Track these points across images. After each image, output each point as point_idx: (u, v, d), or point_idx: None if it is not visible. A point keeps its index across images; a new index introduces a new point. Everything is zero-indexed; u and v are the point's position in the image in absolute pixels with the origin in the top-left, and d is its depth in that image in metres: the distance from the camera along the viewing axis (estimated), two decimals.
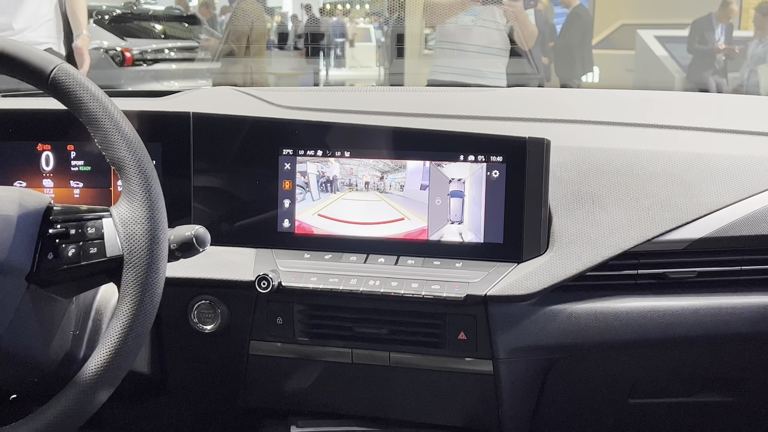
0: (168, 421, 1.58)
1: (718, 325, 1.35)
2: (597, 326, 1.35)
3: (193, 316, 1.42)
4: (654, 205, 1.35)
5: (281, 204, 1.43)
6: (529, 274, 1.33)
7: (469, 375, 1.42)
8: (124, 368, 1.02)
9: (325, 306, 1.41)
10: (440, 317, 1.38)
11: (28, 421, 1.00)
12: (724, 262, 1.36)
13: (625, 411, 1.52)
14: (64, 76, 1.04)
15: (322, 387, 1.48)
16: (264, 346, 1.45)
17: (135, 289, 1.01)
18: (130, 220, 1.03)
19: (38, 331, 1.07)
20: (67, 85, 1.04)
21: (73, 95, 1.04)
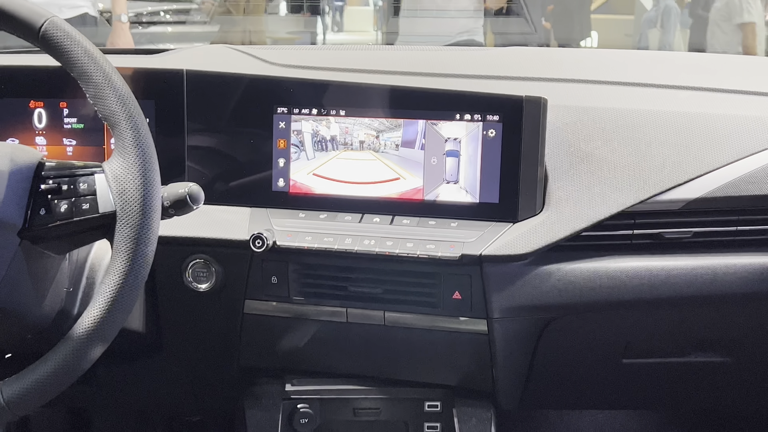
0: (163, 380, 1.58)
1: (714, 285, 1.35)
2: (592, 286, 1.35)
3: (188, 275, 1.41)
4: (651, 165, 1.35)
5: (276, 163, 1.42)
6: (525, 234, 1.33)
7: (464, 334, 1.42)
8: (118, 324, 1.02)
9: (320, 265, 1.40)
10: (435, 277, 1.38)
11: (20, 376, 1.00)
12: (720, 222, 1.36)
13: (618, 371, 1.52)
14: (55, 29, 1.03)
15: (317, 346, 1.48)
16: (259, 306, 1.45)
17: (128, 244, 1.01)
18: (123, 175, 1.02)
19: (31, 288, 1.06)
20: (58, 38, 1.03)
21: (64, 49, 1.03)
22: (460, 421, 1.47)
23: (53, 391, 1.02)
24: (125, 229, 1.01)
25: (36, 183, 1.05)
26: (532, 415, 2.33)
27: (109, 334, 1.02)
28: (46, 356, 1.01)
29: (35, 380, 1.00)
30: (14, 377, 1.01)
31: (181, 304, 1.45)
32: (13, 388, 1.00)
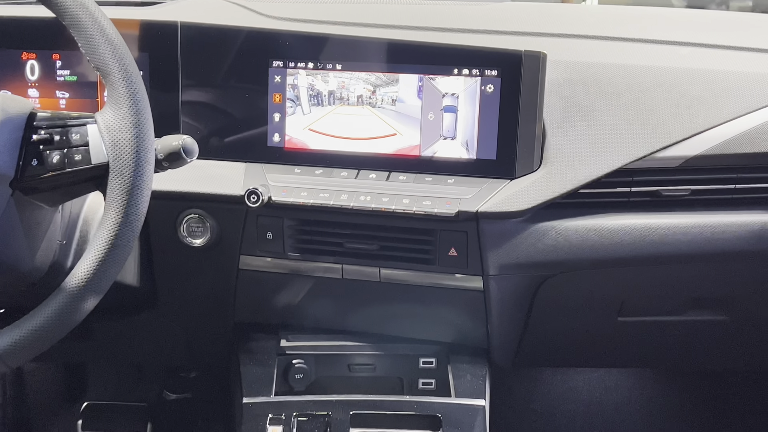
0: (159, 335, 1.58)
1: (711, 242, 1.34)
2: (588, 243, 1.35)
3: (182, 230, 1.40)
4: (650, 122, 1.33)
5: (271, 118, 1.41)
6: (522, 191, 1.32)
7: (459, 291, 1.42)
8: (111, 276, 1.01)
9: (316, 221, 1.40)
10: (431, 233, 1.37)
11: (12, 328, 1.00)
12: (718, 180, 1.35)
13: (614, 329, 1.53)
14: None
15: (312, 302, 1.48)
16: (254, 261, 1.44)
17: (121, 196, 1.00)
18: (116, 126, 1.01)
19: (24, 239, 1.05)
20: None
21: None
22: (455, 377, 1.47)
23: (46, 342, 1.01)
24: (118, 180, 1.00)
25: (28, 133, 1.03)
26: (526, 373, 2.35)
27: (102, 286, 1.01)
28: (39, 308, 1.01)
29: (28, 331, 1.00)
30: (7, 328, 1.00)
31: (176, 260, 1.45)
32: (5, 340, 0.99)
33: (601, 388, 2.33)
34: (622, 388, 2.34)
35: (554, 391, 2.32)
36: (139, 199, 1.00)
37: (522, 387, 2.32)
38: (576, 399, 2.30)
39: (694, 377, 2.34)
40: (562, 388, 2.33)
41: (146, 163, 1.01)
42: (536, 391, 2.31)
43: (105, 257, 1.00)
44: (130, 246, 1.01)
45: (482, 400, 1.43)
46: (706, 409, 2.28)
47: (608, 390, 2.33)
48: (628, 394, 2.32)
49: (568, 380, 2.35)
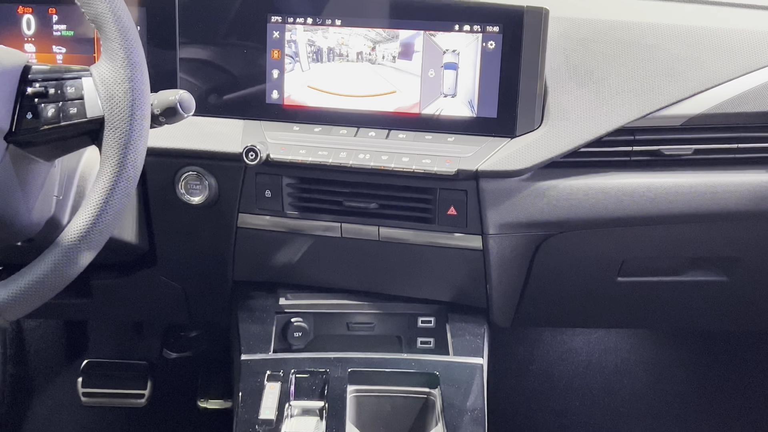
0: (158, 293, 1.58)
1: (713, 202, 1.34)
2: (589, 202, 1.34)
3: (180, 188, 1.40)
4: (652, 79, 1.32)
5: (270, 74, 1.39)
6: (522, 149, 1.31)
7: (458, 250, 1.42)
8: (108, 230, 1.01)
9: (314, 179, 1.39)
10: (430, 192, 1.36)
11: (9, 282, 1.00)
12: (721, 140, 1.34)
13: (613, 289, 1.52)
14: None
15: (310, 261, 1.48)
16: (252, 219, 1.44)
17: (117, 150, 0.99)
18: (111, 79, 1.00)
19: (20, 193, 1.05)
20: None
21: None
22: (453, 336, 1.48)
23: (43, 296, 1.01)
24: (114, 134, 0.99)
25: (22, 86, 1.02)
26: (525, 334, 2.35)
27: (99, 240, 1.01)
28: (36, 261, 1.00)
29: (25, 285, 0.99)
30: (3, 282, 1.00)
31: (174, 217, 1.44)
32: (1, 294, 0.99)
33: (600, 349, 2.34)
34: (621, 349, 2.35)
35: (553, 352, 2.33)
36: (135, 152, 1.00)
37: (521, 348, 2.33)
38: (575, 360, 2.31)
39: (693, 338, 2.35)
40: (561, 349, 2.34)
41: (142, 117, 1.00)
42: (535, 352, 2.32)
43: (101, 211, 0.99)
44: (126, 199, 1.01)
45: (480, 358, 1.43)
46: (704, 370, 2.29)
47: (607, 351, 2.34)
48: (627, 356, 2.33)
49: (567, 341, 2.36)
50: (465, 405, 1.34)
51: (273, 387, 1.35)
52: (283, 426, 1.28)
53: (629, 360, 2.32)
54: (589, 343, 2.35)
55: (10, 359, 2.09)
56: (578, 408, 2.19)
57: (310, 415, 1.31)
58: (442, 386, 1.37)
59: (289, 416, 1.31)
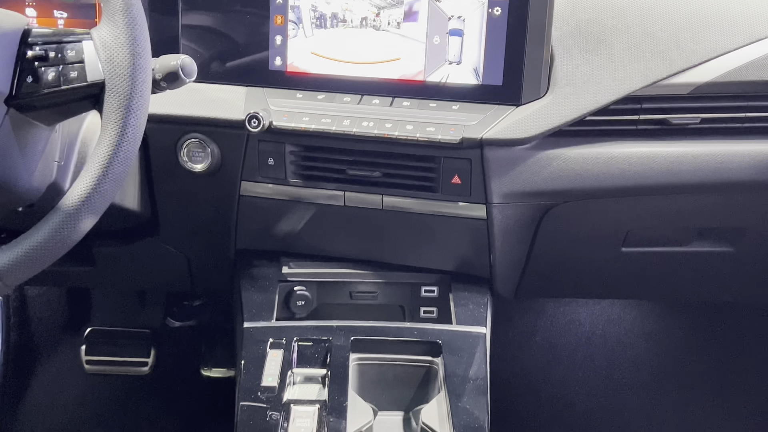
0: (161, 261, 1.57)
1: (720, 171, 1.32)
2: (594, 171, 1.33)
3: (183, 155, 1.39)
4: (660, 47, 1.30)
5: (273, 41, 1.38)
6: (528, 117, 1.29)
7: (462, 220, 1.41)
8: (109, 195, 1.00)
9: (318, 147, 1.38)
10: (434, 160, 1.35)
11: (9, 247, 0.99)
12: (728, 108, 1.32)
13: (617, 260, 1.52)
14: None
15: (314, 229, 1.47)
16: (255, 187, 1.43)
17: (118, 114, 0.98)
18: (112, 43, 0.98)
19: (20, 158, 1.04)
20: None
21: None
22: (456, 305, 1.47)
23: (44, 261, 1.01)
24: (114, 97, 0.98)
25: (22, 49, 1.01)
26: (528, 305, 2.35)
27: (100, 205, 1.00)
28: (37, 226, 1.00)
29: (25, 250, 0.99)
30: (4, 247, 1.00)
31: (177, 185, 1.44)
32: (2, 259, 0.99)
33: (603, 320, 2.34)
34: (624, 320, 2.35)
35: (556, 323, 2.33)
36: (137, 116, 0.99)
37: (524, 319, 2.33)
38: (578, 331, 2.31)
39: (697, 310, 2.35)
40: (565, 320, 2.34)
41: (143, 80, 0.99)
42: (538, 324, 2.32)
43: (103, 175, 0.98)
44: (128, 164, 1.00)
45: (483, 328, 1.43)
46: (706, 342, 2.29)
47: (611, 322, 2.34)
48: (630, 327, 2.33)
49: (571, 312, 2.35)
50: (467, 374, 1.34)
51: (275, 354, 1.35)
52: (285, 393, 1.28)
53: (632, 331, 2.32)
54: (592, 315, 2.35)
55: (14, 327, 2.10)
56: (581, 379, 2.19)
57: (313, 382, 1.31)
58: (445, 355, 1.37)
59: (292, 383, 1.31)
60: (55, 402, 2.10)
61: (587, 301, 2.38)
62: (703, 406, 2.13)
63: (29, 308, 2.22)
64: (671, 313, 2.36)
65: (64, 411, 2.08)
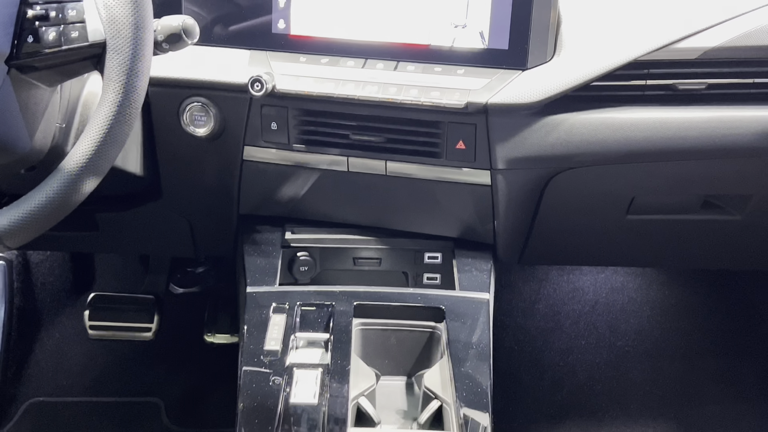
0: (164, 226, 1.57)
1: (727, 138, 1.31)
2: (600, 137, 1.31)
3: (185, 119, 1.38)
4: (667, 11, 1.28)
5: (276, 3, 1.36)
6: (534, 82, 1.28)
7: (466, 186, 1.40)
8: (111, 156, 0.99)
9: (321, 112, 1.37)
10: (439, 126, 1.34)
11: (11, 208, 0.99)
12: (736, 74, 1.30)
13: (622, 227, 1.51)
14: None
15: (317, 195, 1.47)
16: (258, 152, 1.42)
17: (119, 75, 0.97)
18: (113, 2, 0.97)
19: (21, 119, 1.03)
20: None
21: None
22: (460, 271, 1.47)
23: (45, 223, 1.00)
24: (116, 58, 0.97)
25: (22, 8, 0.99)
26: (532, 272, 2.35)
27: (102, 167, 1.00)
28: (38, 187, 0.99)
29: (27, 211, 0.99)
30: (5, 208, 0.99)
31: (179, 149, 1.43)
32: (3, 220, 0.98)
33: (607, 288, 2.34)
34: (628, 288, 2.35)
35: (560, 291, 2.33)
36: (138, 78, 0.98)
37: (527, 287, 2.33)
38: (582, 299, 2.31)
39: (701, 278, 2.35)
40: (568, 288, 2.34)
41: (144, 40, 0.98)
42: (541, 291, 2.32)
43: (104, 136, 0.98)
44: (129, 125, 0.99)
45: (486, 293, 1.43)
46: (710, 310, 2.29)
47: (614, 290, 2.34)
48: (633, 295, 2.33)
49: (575, 281, 2.35)
50: (470, 339, 1.34)
51: (278, 319, 1.35)
52: (288, 357, 1.29)
53: (636, 300, 2.32)
54: (596, 283, 2.35)
55: (17, 292, 2.10)
56: (584, 347, 2.20)
57: (315, 346, 1.31)
58: (448, 320, 1.37)
59: (294, 348, 1.31)
60: (59, 367, 2.11)
61: (591, 269, 2.38)
62: (706, 374, 2.14)
63: (33, 273, 2.23)
64: (674, 282, 2.36)
65: (68, 376, 2.09)
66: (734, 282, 2.30)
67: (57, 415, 2.00)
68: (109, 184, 1.31)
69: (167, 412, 2.01)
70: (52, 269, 2.26)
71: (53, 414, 2.00)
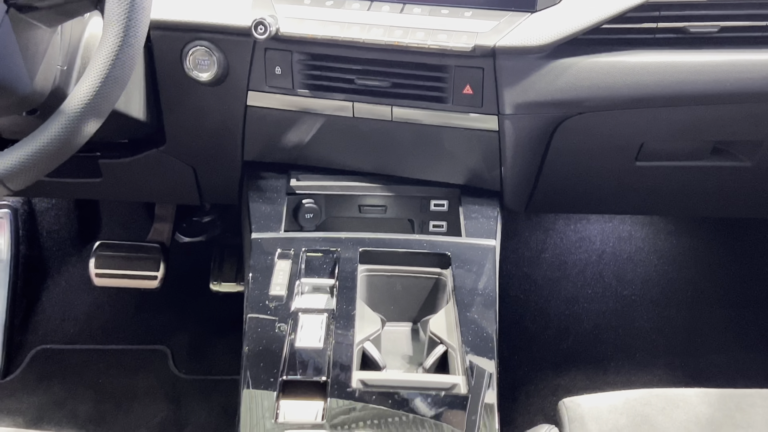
0: (168, 173, 1.56)
1: (739, 82, 1.29)
2: (610, 81, 1.29)
3: (188, 63, 1.36)
4: None
5: None
6: (543, 25, 1.25)
7: (473, 132, 1.38)
8: (112, 98, 0.98)
9: (326, 56, 1.34)
10: (446, 70, 1.32)
11: (12, 150, 0.98)
12: (749, 16, 1.27)
13: (631, 174, 1.49)
14: None
15: (322, 141, 1.45)
16: (262, 98, 1.40)
17: (120, 14, 0.95)
18: None
19: (21, 59, 1.02)
20: None
21: None
22: (466, 218, 1.46)
23: (47, 165, 0.99)
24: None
25: None
26: (539, 222, 2.34)
27: (103, 108, 0.98)
28: (40, 129, 0.98)
29: (29, 153, 0.98)
30: (6, 150, 0.98)
31: (183, 95, 1.41)
32: (5, 161, 0.97)
33: (614, 237, 2.33)
34: (635, 238, 2.34)
35: (567, 241, 2.32)
36: (139, 16, 0.96)
37: (534, 236, 2.32)
38: (588, 248, 2.30)
39: (709, 227, 2.34)
40: (575, 237, 2.33)
41: None
42: (548, 241, 2.32)
43: (105, 77, 0.96)
44: (131, 65, 0.98)
45: (493, 240, 1.42)
46: (717, 259, 2.29)
47: (621, 240, 2.33)
48: (641, 245, 2.32)
49: (581, 230, 2.35)
50: (476, 286, 1.33)
51: (283, 265, 1.34)
52: (293, 302, 1.28)
53: (643, 249, 2.31)
54: (603, 232, 2.34)
55: (23, 240, 2.10)
56: (590, 296, 2.20)
57: (321, 292, 1.31)
58: (454, 267, 1.36)
59: (300, 293, 1.30)
60: (66, 315, 2.12)
61: (598, 219, 2.37)
62: (712, 323, 2.14)
63: (38, 222, 2.22)
64: (682, 231, 2.35)
65: (75, 323, 2.10)
66: (742, 231, 2.29)
67: (64, 362, 2.01)
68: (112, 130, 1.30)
69: (174, 360, 2.02)
70: (57, 218, 2.26)
71: (60, 361, 2.01)
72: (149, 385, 1.96)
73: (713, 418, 1.25)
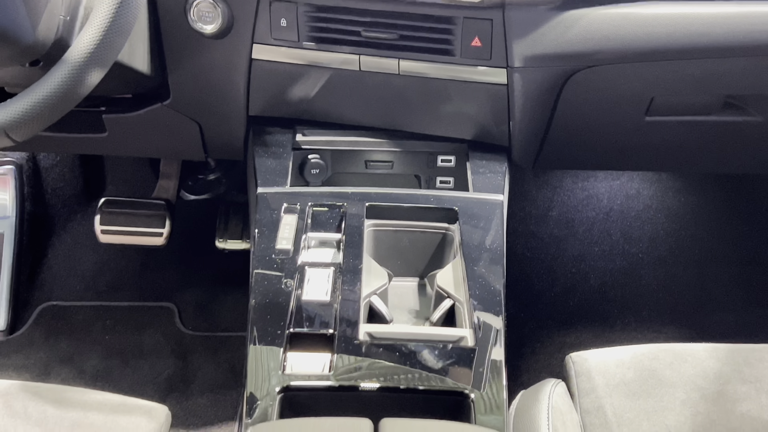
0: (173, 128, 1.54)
1: (752, 34, 1.26)
2: (620, 33, 1.27)
3: (193, 15, 1.33)
4: None
5: None
6: None
7: (482, 85, 1.36)
8: (116, 47, 0.97)
9: (331, 7, 1.32)
10: (454, 21, 1.30)
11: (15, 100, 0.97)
12: None
13: (640, 129, 1.47)
14: None
15: (328, 95, 1.43)
16: (268, 51, 1.38)
17: None
18: None
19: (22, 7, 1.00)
20: None
21: None
22: (474, 174, 1.44)
23: (50, 115, 0.98)
24: None
25: None
26: (546, 180, 2.33)
27: (106, 57, 0.97)
28: (43, 78, 0.97)
29: (32, 103, 0.96)
30: (10, 100, 0.97)
31: (187, 47, 1.39)
32: (8, 112, 0.96)
33: (622, 195, 2.32)
34: (643, 196, 2.32)
35: (574, 198, 2.31)
36: None
37: (541, 194, 2.31)
38: (596, 206, 2.29)
39: (717, 185, 2.32)
40: (582, 195, 2.32)
41: None
42: (555, 199, 2.30)
43: (108, 26, 0.95)
44: (133, 14, 0.96)
45: (500, 195, 1.40)
46: (725, 217, 2.27)
47: (629, 197, 2.32)
48: (648, 202, 2.31)
49: (589, 188, 2.33)
50: (484, 241, 1.32)
51: (290, 219, 1.33)
52: (299, 256, 1.28)
53: (651, 207, 2.30)
54: (610, 190, 2.33)
55: (28, 197, 2.09)
56: (597, 254, 2.19)
57: (327, 246, 1.30)
58: (461, 222, 1.35)
59: (306, 248, 1.30)
60: (72, 271, 2.12)
61: (606, 176, 2.35)
62: (719, 281, 2.13)
63: (43, 179, 2.22)
64: (690, 189, 2.33)
65: (81, 280, 2.10)
66: (750, 188, 2.27)
67: (70, 318, 2.01)
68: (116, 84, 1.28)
69: (180, 317, 2.02)
70: (62, 174, 2.25)
71: (66, 318, 2.02)
72: (156, 342, 1.96)
73: (721, 373, 1.24)
